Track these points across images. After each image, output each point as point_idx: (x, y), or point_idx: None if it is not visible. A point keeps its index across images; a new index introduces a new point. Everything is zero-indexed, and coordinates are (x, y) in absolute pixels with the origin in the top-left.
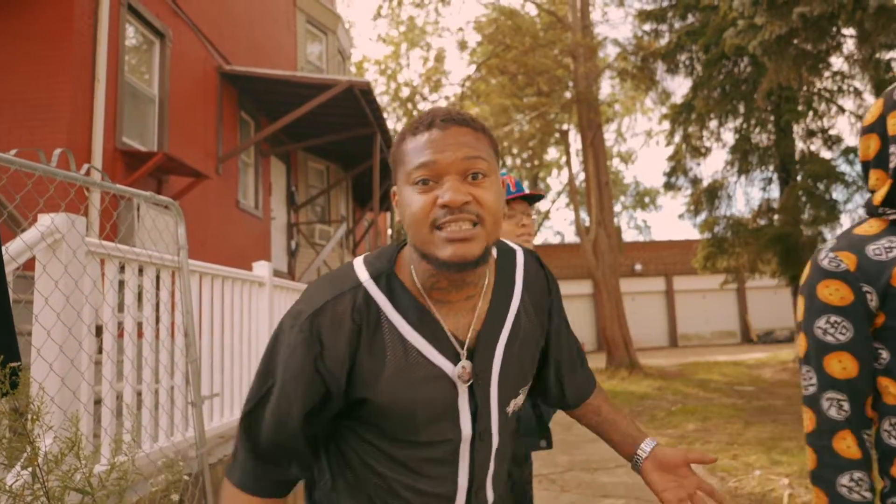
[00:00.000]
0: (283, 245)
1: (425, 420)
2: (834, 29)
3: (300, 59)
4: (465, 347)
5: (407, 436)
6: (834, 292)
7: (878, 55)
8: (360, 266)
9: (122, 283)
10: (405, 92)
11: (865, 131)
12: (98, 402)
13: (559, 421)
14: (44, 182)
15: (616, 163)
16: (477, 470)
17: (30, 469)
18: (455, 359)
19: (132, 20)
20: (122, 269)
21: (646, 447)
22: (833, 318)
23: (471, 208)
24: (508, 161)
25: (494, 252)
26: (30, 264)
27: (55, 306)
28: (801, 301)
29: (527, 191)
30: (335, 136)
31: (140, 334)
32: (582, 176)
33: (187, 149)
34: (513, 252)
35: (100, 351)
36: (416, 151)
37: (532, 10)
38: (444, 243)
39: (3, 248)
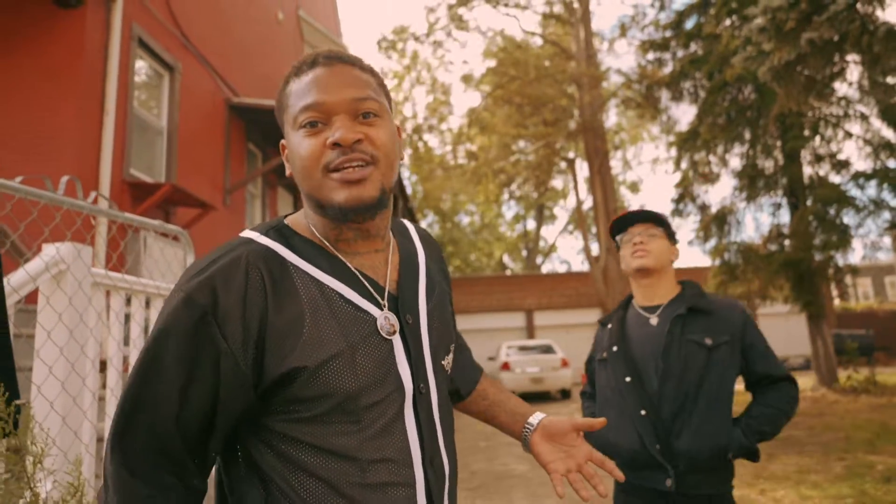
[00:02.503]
0: None
1: (368, 379)
2: (839, 54)
3: None
4: (386, 296)
5: (347, 405)
6: None
7: (886, 79)
8: (246, 231)
9: (127, 316)
10: (409, 125)
11: None
12: (100, 439)
13: None
14: (49, 211)
15: (623, 191)
16: (425, 430)
17: None
18: (378, 306)
19: (142, 54)
20: (128, 301)
21: (533, 420)
22: None
23: (364, 147)
24: (516, 190)
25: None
26: (32, 297)
27: (58, 340)
28: None
29: (643, 212)
30: None
31: None
32: (589, 203)
33: (195, 180)
34: (400, 221)
35: (103, 386)
36: (301, 93)
37: (537, 41)
38: (338, 186)
39: (5, 280)
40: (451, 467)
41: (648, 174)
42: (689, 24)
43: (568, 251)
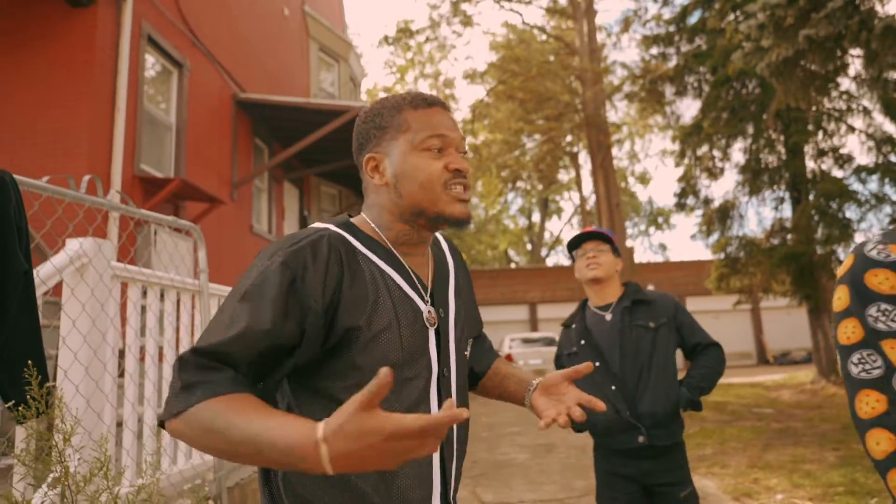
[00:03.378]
0: None
1: (409, 351)
2: (840, 50)
3: (313, 87)
4: (429, 293)
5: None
6: (884, 281)
7: (885, 74)
8: (316, 223)
9: (143, 307)
10: None
11: None
12: (120, 424)
13: None
14: (72, 207)
15: (632, 182)
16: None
17: (57, 490)
18: (423, 300)
19: (152, 51)
20: (144, 292)
21: (535, 382)
22: (884, 307)
23: (467, 175)
24: (520, 184)
25: None
26: (53, 290)
27: (81, 329)
28: (843, 290)
29: (594, 230)
30: (348, 161)
31: (161, 357)
32: (594, 198)
33: (203, 175)
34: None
35: (121, 374)
36: (428, 123)
37: (540, 35)
38: (455, 202)
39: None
40: (460, 442)
41: (658, 165)
42: (693, 19)
43: None
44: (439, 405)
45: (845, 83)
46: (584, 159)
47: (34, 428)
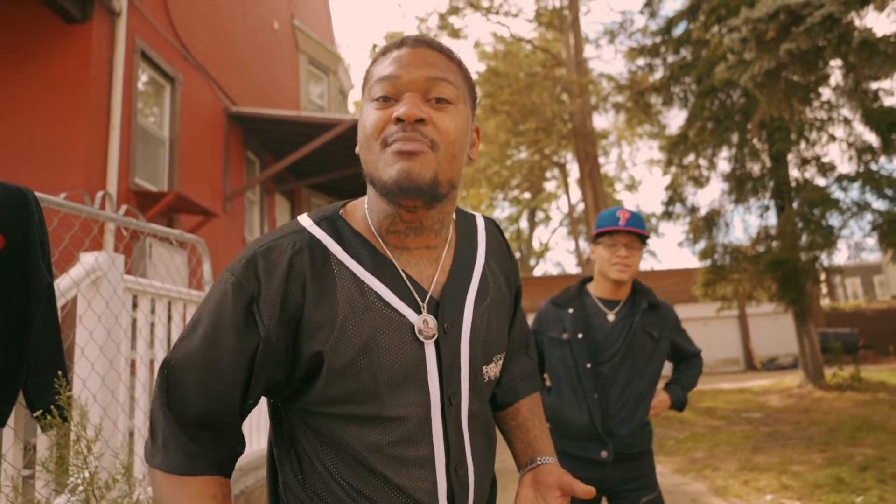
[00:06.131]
0: None
1: (391, 381)
2: (821, 62)
3: (303, 99)
4: (427, 300)
5: (372, 409)
6: None
7: (863, 85)
8: (303, 216)
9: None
10: None
11: None
12: (132, 433)
13: None
14: (67, 219)
15: (619, 189)
16: (452, 439)
17: (77, 496)
18: (417, 310)
19: (145, 66)
20: (152, 304)
21: (537, 460)
22: None
23: (426, 130)
24: (508, 193)
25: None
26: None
27: (98, 340)
28: None
29: (630, 228)
30: (337, 174)
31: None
32: (581, 206)
33: (196, 188)
34: (472, 216)
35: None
36: (380, 69)
37: (527, 47)
38: (392, 160)
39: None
40: (479, 479)
41: (645, 173)
42: (678, 30)
43: (562, 253)
44: (445, 439)
45: (826, 93)
46: (572, 167)
47: (57, 435)
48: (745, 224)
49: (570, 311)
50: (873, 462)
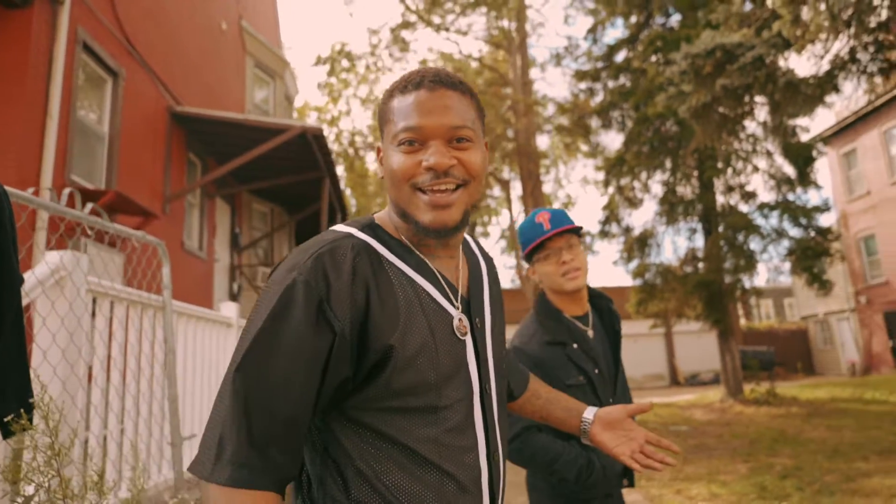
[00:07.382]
0: (226, 287)
1: (446, 373)
2: (748, 97)
3: (248, 103)
4: (460, 300)
5: (429, 400)
6: None
7: (786, 122)
8: (339, 226)
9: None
10: (346, 137)
11: None
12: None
13: None
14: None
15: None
16: (489, 427)
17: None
18: (454, 308)
19: (87, 58)
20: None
21: (588, 415)
22: None
23: (455, 172)
24: None
25: None
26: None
27: (60, 343)
28: None
29: (560, 228)
30: (282, 180)
31: (125, 376)
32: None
33: (135, 188)
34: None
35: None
36: (403, 112)
37: (475, 65)
38: (426, 208)
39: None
40: (505, 466)
41: (580, 191)
42: (619, 57)
43: (500, 269)
44: (485, 426)
45: (751, 127)
46: (515, 184)
47: (17, 443)
48: (675, 245)
49: (576, 346)
50: (791, 471)
